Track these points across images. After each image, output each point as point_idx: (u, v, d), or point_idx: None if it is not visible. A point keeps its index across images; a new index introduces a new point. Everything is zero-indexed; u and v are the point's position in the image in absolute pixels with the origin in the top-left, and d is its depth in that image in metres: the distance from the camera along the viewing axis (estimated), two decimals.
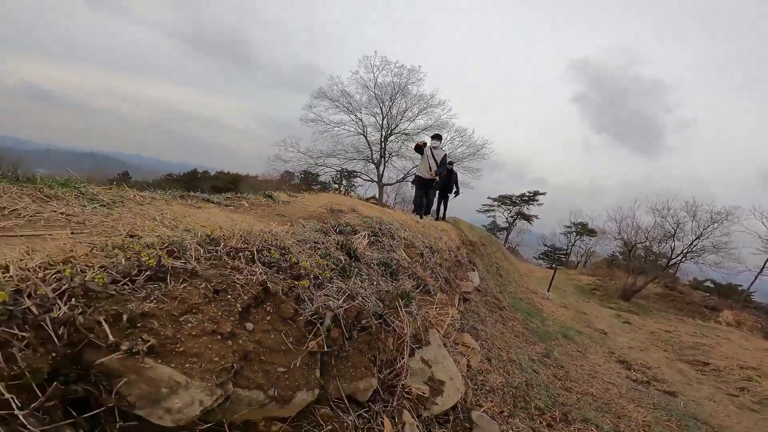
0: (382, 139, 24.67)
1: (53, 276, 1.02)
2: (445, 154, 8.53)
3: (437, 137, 8.63)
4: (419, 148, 8.55)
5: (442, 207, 11.07)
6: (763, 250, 22.95)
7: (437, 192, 10.15)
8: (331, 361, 1.52)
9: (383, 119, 24.54)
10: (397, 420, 1.76)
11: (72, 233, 1.33)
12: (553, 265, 30.38)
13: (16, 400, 0.78)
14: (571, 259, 39.49)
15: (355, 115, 24.57)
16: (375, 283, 2.29)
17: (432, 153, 8.34)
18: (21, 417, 0.78)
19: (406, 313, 2.20)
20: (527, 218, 40.32)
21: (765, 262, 22.98)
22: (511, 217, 40.70)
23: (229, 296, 1.28)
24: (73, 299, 0.99)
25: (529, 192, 40.13)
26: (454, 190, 10.57)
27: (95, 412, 0.90)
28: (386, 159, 24.95)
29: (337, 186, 35.78)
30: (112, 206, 1.72)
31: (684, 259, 22.13)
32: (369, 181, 26.00)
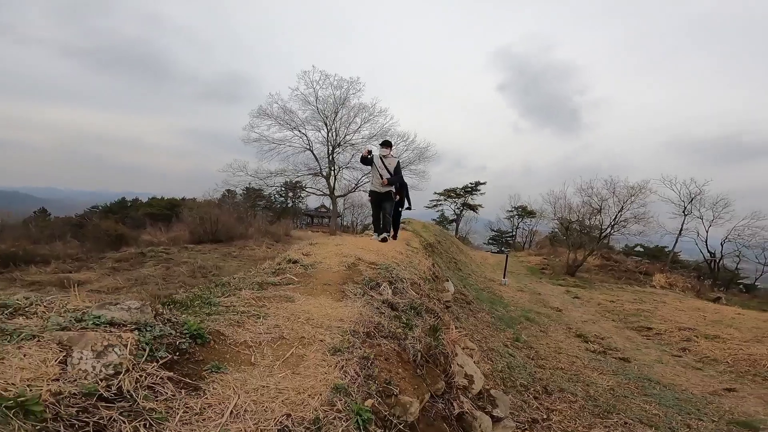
0: (330, 153, 25.13)
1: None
2: (398, 162, 7.97)
3: (386, 144, 7.94)
4: (366, 160, 7.84)
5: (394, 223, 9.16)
6: (678, 213, 26.15)
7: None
8: (424, 377, 2.37)
9: (328, 132, 24.99)
10: (458, 401, 2.64)
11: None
12: (503, 249, 32.44)
13: None
14: (517, 240, 42.22)
15: (299, 131, 24.81)
16: (416, 325, 3.15)
17: (383, 162, 7.75)
18: None
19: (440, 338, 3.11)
20: (473, 208, 42.66)
21: (682, 224, 26.16)
22: (458, 208, 42.90)
23: (391, 359, 2.23)
24: None
25: (471, 183, 42.53)
26: (406, 204, 9.09)
27: None
28: (336, 172, 25.47)
29: (282, 199, 35.90)
30: (265, 316, 2.41)
31: (612, 230, 24.66)
32: (321, 195, 26.53)
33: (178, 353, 1.59)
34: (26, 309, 1.59)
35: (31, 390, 1.11)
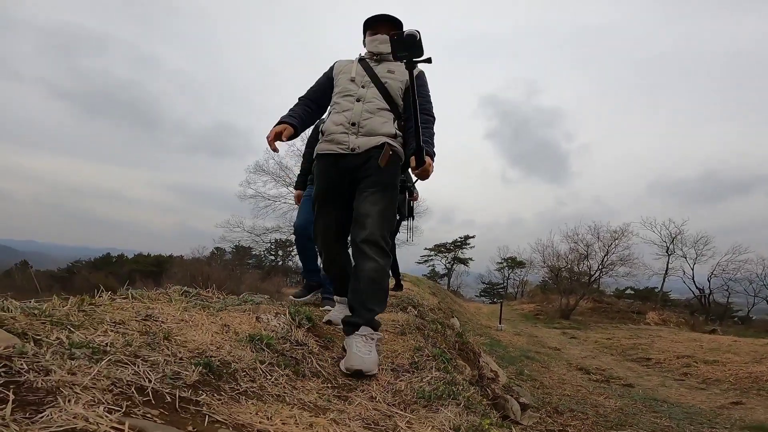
0: None
1: None
2: (421, 73, 2.84)
3: (384, 22, 2.64)
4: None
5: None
6: (661, 254, 27.36)
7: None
8: (465, 359, 3.03)
9: None
10: (491, 388, 3.27)
11: None
12: (496, 300, 33.00)
13: None
14: (509, 291, 42.87)
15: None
16: (448, 327, 3.83)
17: (370, 68, 2.81)
18: None
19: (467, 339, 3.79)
20: (463, 262, 43.89)
21: (667, 264, 27.32)
22: (449, 263, 43.94)
23: (440, 341, 2.76)
24: None
25: (460, 237, 44.06)
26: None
27: None
28: None
29: (272, 257, 36.25)
30: None
31: (600, 274, 25.60)
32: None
33: (307, 324, 2.27)
34: (198, 295, 2.27)
35: (257, 334, 1.79)
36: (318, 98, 2.47)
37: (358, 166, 2.22)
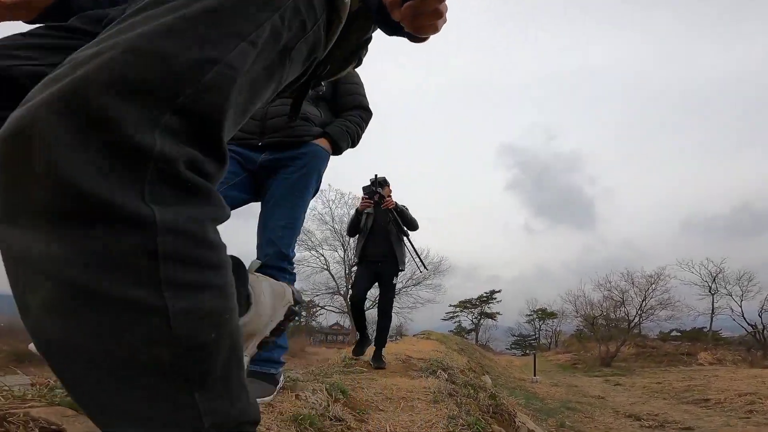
0: (347, 272, 26.09)
1: None
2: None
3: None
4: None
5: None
6: (705, 294, 26.60)
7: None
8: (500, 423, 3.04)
9: (345, 252, 26.18)
10: None
11: None
12: (528, 352, 32.06)
13: None
14: (541, 342, 41.68)
15: (316, 251, 26.23)
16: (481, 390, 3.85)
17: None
18: None
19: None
20: (490, 316, 43.30)
21: (712, 303, 26.45)
22: (475, 318, 43.47)
23: (473, 407, 2.81)
24: None
25: (485, 293, 43.78)
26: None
27: None
28: None
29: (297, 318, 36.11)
30: (367, 387, 3.16)
31: (641, 319, 24.85)
32: (339, 312, 27.08)
33: (342, 398, 2.37)
34: None
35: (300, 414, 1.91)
36: None
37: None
